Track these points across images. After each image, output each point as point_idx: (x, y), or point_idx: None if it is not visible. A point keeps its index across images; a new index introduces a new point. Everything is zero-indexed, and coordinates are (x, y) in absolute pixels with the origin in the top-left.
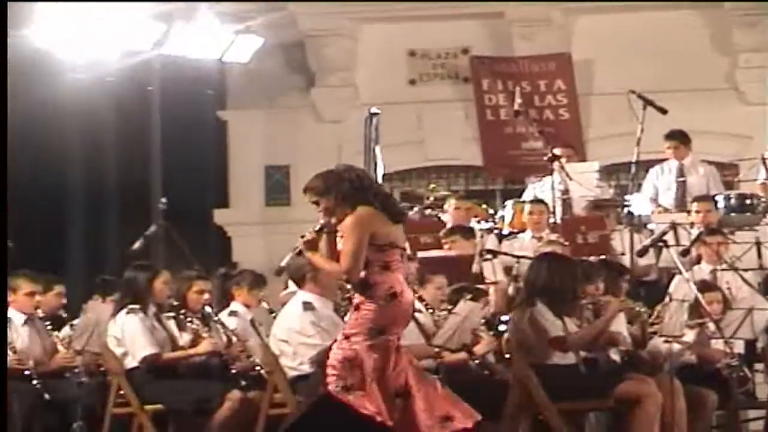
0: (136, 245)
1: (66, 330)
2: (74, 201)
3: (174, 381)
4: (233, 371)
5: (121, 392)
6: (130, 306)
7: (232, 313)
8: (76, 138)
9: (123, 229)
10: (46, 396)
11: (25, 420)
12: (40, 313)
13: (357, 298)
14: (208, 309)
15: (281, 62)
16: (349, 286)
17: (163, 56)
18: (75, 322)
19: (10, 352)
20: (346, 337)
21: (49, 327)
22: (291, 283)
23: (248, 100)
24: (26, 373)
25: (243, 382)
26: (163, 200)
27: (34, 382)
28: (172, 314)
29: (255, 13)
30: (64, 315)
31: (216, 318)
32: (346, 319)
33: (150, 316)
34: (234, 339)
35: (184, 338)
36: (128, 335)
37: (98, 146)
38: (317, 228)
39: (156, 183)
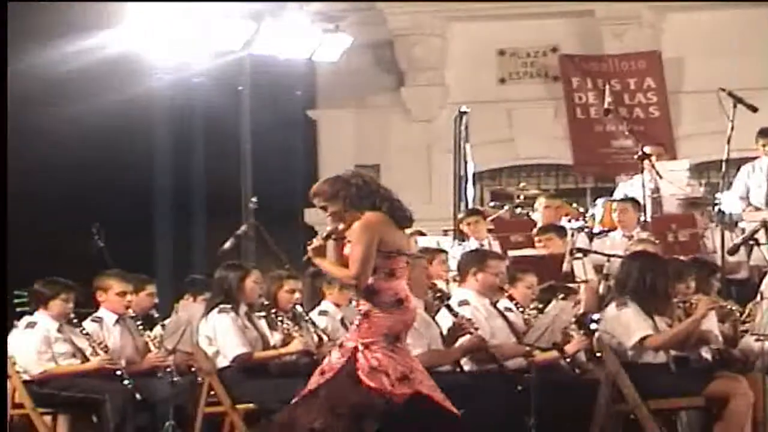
0: (227, 244)
1: (157, 329)
2: (165, 201)
3: (265, 380)
4: None
5: (213, 392)
6: (222, 305)
7: (323, 312)
8: (166, 138)
9: (213, 229)
10: (138, 396)
11: (117, 419)
12: (131, 312)
13: (363, 305)
14: (298, 308)
15: (370, 61)
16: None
17: (252, 56)
18: (166, 321)
19: (101, 352)
20: (366, 347)
21: (141, 327)
22: None
23: (338, 100)
24: (118, 372)
25: None
26: (254, 199)
27: (126, 382)
28: (263, 313)
29: (344, 13)
30: (156, 315)
31: (307, 317)
32: (437, 318)
33: (241, 316)
34: (325, 338)
35: (275, 337)
36: (220, 334)
37: (188, 146)
38: (325, 234)
39: (246, 182)
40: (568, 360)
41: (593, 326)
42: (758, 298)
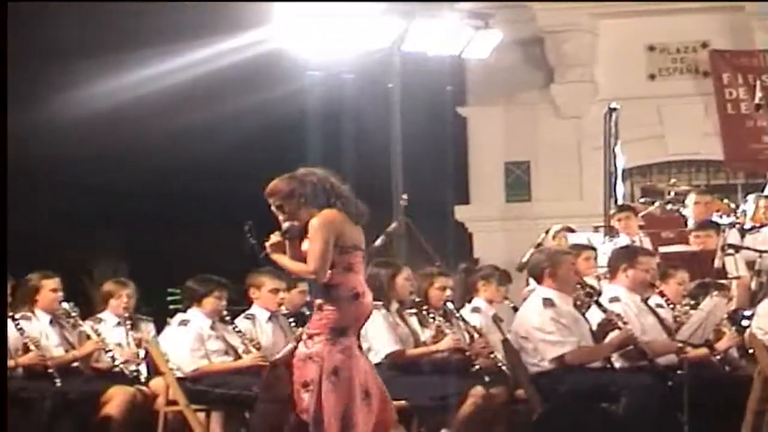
0: (378, 242)
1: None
2: None
3: (417, 377)
4: (476, 367)
5: None
6: (373, 303)
7: (475, 309)
8: (316, 135)
9: (366, 225)
10: None
11: None
12: (284, 309)
13: (319, 299)
14: (449, 305)
15: (520, 58)
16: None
17: (402, 53)
18: None
19: (253, 349)
20: (310, 337)
21: (293, 324)
22: (531, 280)
23: (487, 97)
24: None
25: (486, 378)
26: (404, 196)
27: None
28: (413, 310)
29: (494, 10)
30: (308, 312)
31: (458, 314)
32: (588, 315)
33: (392, 313)
34: (476, 335)
35: (426, 334)
36: (371, 331)
37: (338, 143)
38: (283, 231)
39: (397, 179)
40: (719, 357)
41: (745, 323)
42: None
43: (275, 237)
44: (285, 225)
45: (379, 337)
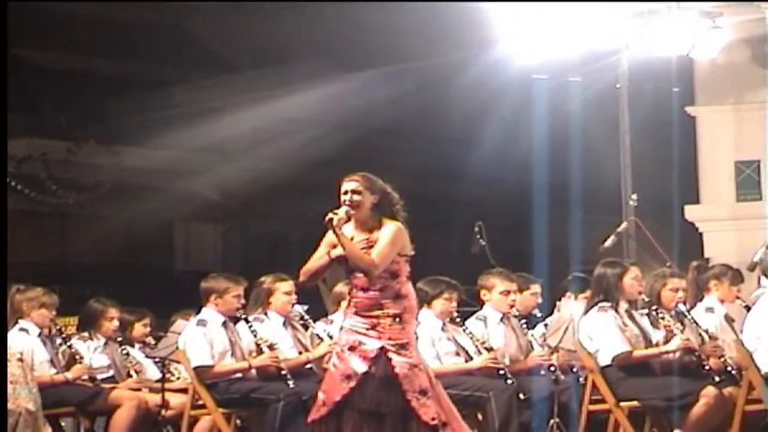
0: (608, 242)
1: (540, 328)
2: (542, 199)
3: (648, 378)
4: (707, 368)
5: (596, 389)
6: (601, 303)
7: (709, 309)
8: (543, 138)
9: (591, 226)
10: (521, 395)
11: (502, 417)
12: (515, 311)
13: (393, 308)
14: (681, 306)
15: (748, 57)
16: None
17: (630, 53)
18: (548, 319)
19: (484, 351)
20: (402, 347)
21: (524, 325)
22: (763, 279)
23: (716, 96)
24: (500, 372)
25: (717, 379)
26: (634, 197)
27: (509, 381)
28: (645, 311)
29: (721, 8)
30: (539, 314)
31: (689, 315)
32: None
33: (621, 314)
34: (706, 336)
35: (658, 335)
36: (598, 333)
37: (565, 145)
38: (344, 214)
39: (626, 179)
40: None
41: None
42: None
43: (342, 213)
44: (345, 208)
45: (606, 338)
